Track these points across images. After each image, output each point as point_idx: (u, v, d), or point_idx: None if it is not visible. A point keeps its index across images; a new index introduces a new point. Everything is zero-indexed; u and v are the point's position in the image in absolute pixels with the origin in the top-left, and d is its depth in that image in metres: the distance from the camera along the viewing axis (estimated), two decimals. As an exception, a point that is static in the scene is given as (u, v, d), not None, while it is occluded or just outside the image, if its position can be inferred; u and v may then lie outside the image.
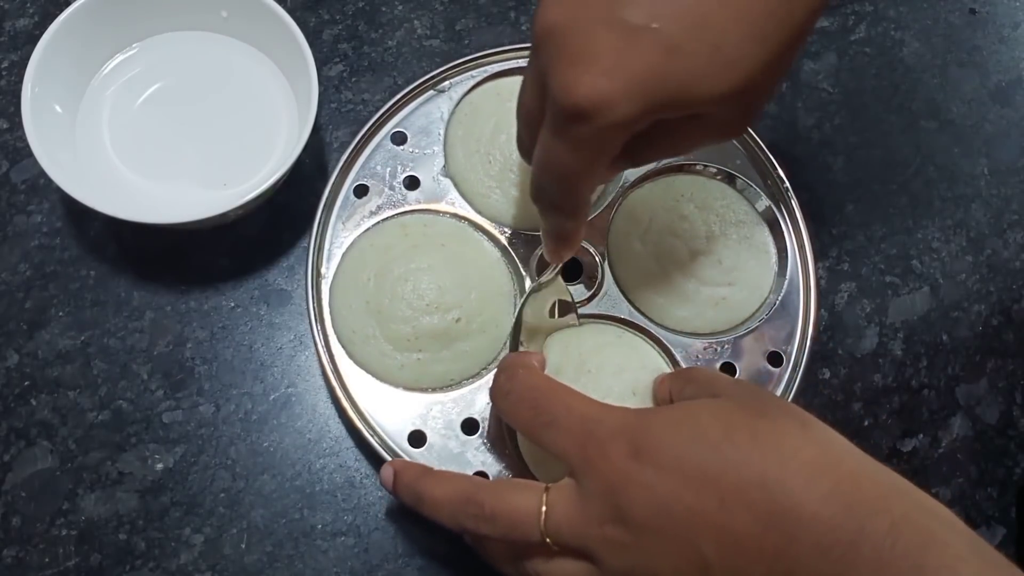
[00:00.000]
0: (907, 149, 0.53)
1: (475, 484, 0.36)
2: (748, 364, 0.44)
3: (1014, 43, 0.57)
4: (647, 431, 0.31)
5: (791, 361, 0.44)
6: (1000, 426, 0.47)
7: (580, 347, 0.41)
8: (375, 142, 0.46)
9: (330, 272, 0.43)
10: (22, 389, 0.43)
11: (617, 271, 0.45)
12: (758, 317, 0.45)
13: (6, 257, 0.45)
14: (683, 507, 0.29)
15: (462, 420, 0.41)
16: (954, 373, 0.48)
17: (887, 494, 0.28)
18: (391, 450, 0.40)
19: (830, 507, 0.27)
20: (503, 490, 0.35)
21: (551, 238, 0.37)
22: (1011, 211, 0.52)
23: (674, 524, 0.29)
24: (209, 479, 0.42)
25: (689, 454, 0.30)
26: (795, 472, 0.28)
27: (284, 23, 0.44)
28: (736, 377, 0.43)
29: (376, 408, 0.41)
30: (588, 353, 0.41)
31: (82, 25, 0.44)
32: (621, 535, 0.30)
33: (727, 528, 0.28)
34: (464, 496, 0.35)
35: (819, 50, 0.55)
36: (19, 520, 0.41)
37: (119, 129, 0.46)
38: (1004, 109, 0.55)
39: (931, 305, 0.49)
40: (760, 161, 0.48)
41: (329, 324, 0.42)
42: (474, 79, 0.48)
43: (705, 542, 0.29)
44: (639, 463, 0.30)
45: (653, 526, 0.30)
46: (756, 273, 0.46)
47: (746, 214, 0.47)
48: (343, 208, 0.45)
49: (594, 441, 0.32)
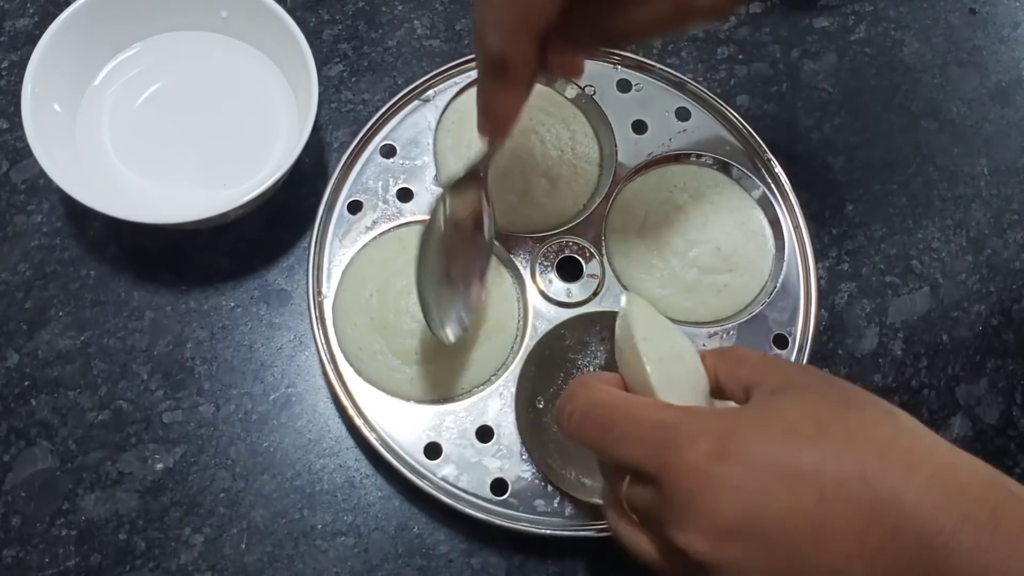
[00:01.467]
0: (907, 149, 0.53)
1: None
2: (754, 348, 0.44)
3: (1014, 43, 0.57)
4: (731, 431, 0.29)
5: (797, 341, 0.44)
6: (1000, 426, 0.47)
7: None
8: (365, 156, 0.46)
9: (331, 291, 0.43)
10: (22, 389, 0.43)
11: (617, 266, 0.45)
12: (760, 301, 0.45)
13: (6, 257, 0.45)
14: (777, 507, 0.27)
15: (476, 428, 0.41)
16: (954, 373, 0.48)
17: (984, 482, 0.27)
18: (406, 463, 0.40)
19: (931, 497, 0.26)
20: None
21: (481, 102, 0.36)
22: (1011, 211, 0.52)
23: (766, 525, 0.27)
24: (209, 479, 0.42)
25: (780, 451, 0.28)
26: (894, 463, 0.27)
27: (284, 23, 0.44)
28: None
29: (389, 423, 0.41)
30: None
31: (82, 25, 0.44)
32: (704, 545, 0.28)
33: (827, 525, 0.27)
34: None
35: (819, 50, 0.55)
36: (19, 520, 0.41)
37: (119, 129, 0.46)
38: (1004, 109, 0.55)
39: (931, 305, 0.49)
40: (750, 146, 0.48)
41: (335, 342, 0.42)
42: (458, 85, 0.48)
43: (803, 542, 0.27)
44: (724, 464, 0.28)
45: (742, 529, 0.28)
46: (755, 257, 0.46)
47: (740, 200, 0.47)
48: (339, 225, 0.44)
49: (672, 447, 0.29)
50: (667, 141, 0.48)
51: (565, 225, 0.46)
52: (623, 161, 0.47)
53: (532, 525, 0.40)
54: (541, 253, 0.45)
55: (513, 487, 0.40)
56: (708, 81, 0.53)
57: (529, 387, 0.42)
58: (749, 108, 0.53)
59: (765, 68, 0.54)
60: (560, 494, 0.40)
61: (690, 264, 0.45)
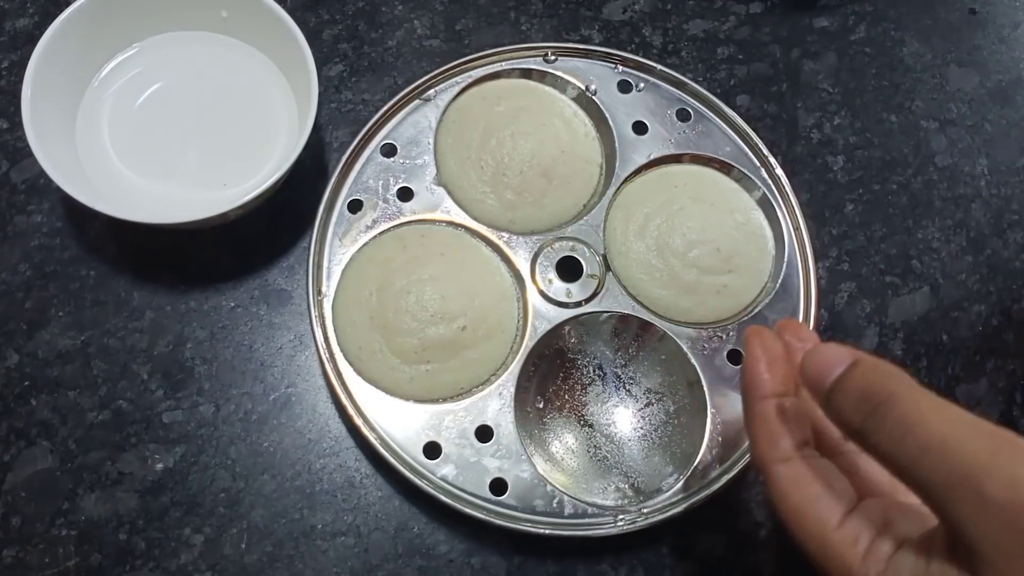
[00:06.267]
0: (907, 149, 0.53)
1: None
2: None
3: (1014, 43, 0.57)
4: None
5: None
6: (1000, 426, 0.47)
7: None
8: (365, 155, 0.46)
9: (331, 290, 0.43)
10: (22, 389, 0.43)
11: (617, 266, 0.45)
12: (760, 302, 0.45)
13: (6, 257, 0.45)
14: None
15: (475, 428, 0.41)
16: (954, 373, 0.48)
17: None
18: (406, 463, 0.40)
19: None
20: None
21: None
22: (1011, 211, 0.52)
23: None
24: (209, 479, 0.42)
25: None
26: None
27: (284, 23, 0.44)
28: None
29: (389, 422, 0.41)
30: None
31: (82, 25, 0.44)
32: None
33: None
34: None
35: (819, 50, 0.55)
36: (19, 520, 0.41)
37: (119, 129, 0.46)
38: (1004, 109, 0.55)
39: (931, 305, 0.49)
40: (750, 146, 0.48)
41: (334, 342, 0.42)
42: (459, 85, 0.48)
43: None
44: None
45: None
46: (755, 258, 0.46)
47: (739, 200, 0.47)
48: (339, 224, 0.44)
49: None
50: (667, 141, 0.48)
51: (565, 225, 0.46)
52: (623, 161, 0.47)
53: (532, 525, 0.40)
54: (541, 253, 0.45)
55: (512, 487, 0.40)
56: (708, 81, 0.53)
57: (529, 387, 0.43)
58: (749, 108, 0.53)
59: (765, 68, 0.54)
60: (559, 494, 0.40)
61: (690, 265, 0.45)
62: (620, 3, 0.55)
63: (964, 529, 0.23)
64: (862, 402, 0.27)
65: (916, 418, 0.25)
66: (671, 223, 0.46)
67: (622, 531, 0.40)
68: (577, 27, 0.54)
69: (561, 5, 0.55)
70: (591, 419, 0.43)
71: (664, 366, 0.44)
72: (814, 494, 0.28)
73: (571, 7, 0.55)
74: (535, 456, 0.41)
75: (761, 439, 0.30)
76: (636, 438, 0.43)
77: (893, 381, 0.27)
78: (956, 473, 0.24)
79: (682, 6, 0.55)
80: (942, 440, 0.24)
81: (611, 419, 0.43)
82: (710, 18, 0.55)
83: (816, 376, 0.29)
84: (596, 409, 0.43)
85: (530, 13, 0.54)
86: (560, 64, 0.49)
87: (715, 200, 0.47)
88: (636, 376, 0.44)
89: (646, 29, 0.54)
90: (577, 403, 0.43)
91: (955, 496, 0.24)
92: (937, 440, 0.24)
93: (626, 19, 0.55)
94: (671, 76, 0.49)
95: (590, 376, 0.44)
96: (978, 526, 0.23)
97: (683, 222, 0.46)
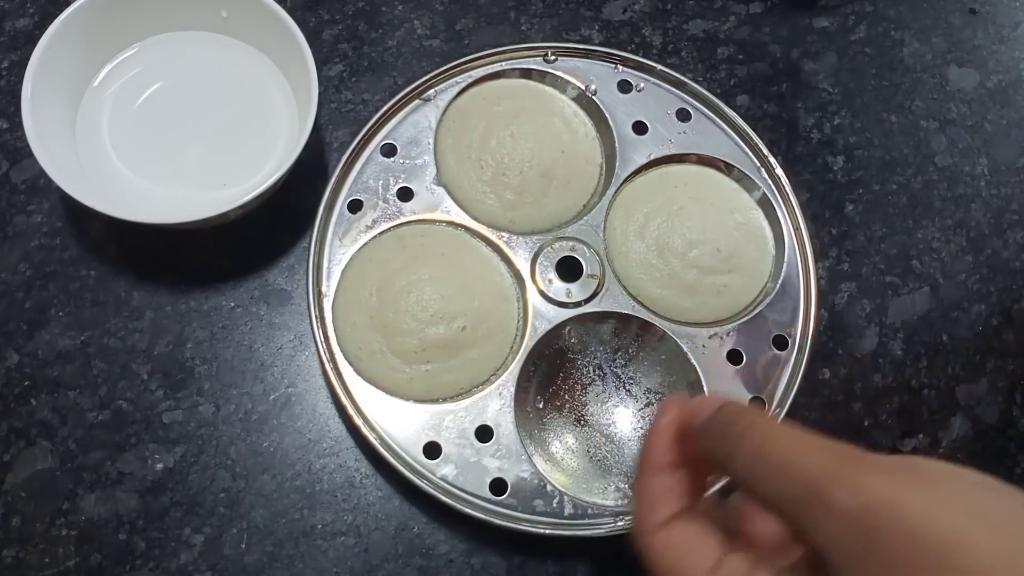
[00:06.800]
0: (907, 149, 0.53)
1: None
2: (753, 350, 0.44)
3: (1014, 43, 0.57)
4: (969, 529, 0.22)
5: (797, 342, 0.44)
6: (1000, 426, 0.47)
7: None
8: (365, 155, 0.46)
9: (331, 290, 0.43)
10: (22, 389, 0.43)
11: (617, 266, 0.45)
12: (760, 302, 0.45)
13: (6, 257, 0.46)
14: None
15: (475, 428, 0.41)
16: (954, 373, 0.48)
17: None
18: (406, 463, 0.40)
19: None
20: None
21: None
22: (1011, 211, 0.52)
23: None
24: (209, 479, 0.42)
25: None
26: None
27: (284, 23, 0.44)
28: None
29: (389, 422, 0.41)
30: None
31: (82, 25, 0.44)
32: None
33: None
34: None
35: (819, 50, 0.55)
36: (19, 520, 0.41)
37: (119, 129, 0.46)
38: (1004, 109, 0.55)
39: (931, 305, 0.49)
40: (750, 146, 0.48)
41: (335, 342, 0.42)
42: (459, 85, 0.48)
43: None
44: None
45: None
46: (755, 258, 0.46)
47: (739, 200, 0.47)
48: (339, 224, 0.44)
49: (883, 537, 0.23)
50: (667, 141, 0.48)
51: (565, 225, 0.46)
52: (623, 161, 0.47)
53: (532, 525, 0.40)
54: (541, 253, 0.45)
55: (512, 487, 0.40)
56: (708, 81, 0.53)
57: (529, 387, 0.43)
58: (749, 108, 0.53)
59: (765, 68, 0.54)
60: (559, 494, 0.40)
61: (690, 265, 0.45)
62: (620, 3, 0.55)
63: (816, 540, 0.25)
64: (723, 436, 0.29)
65: (767, 443, 0.27)
66: (671, 223, 0.46)
67: (622, 531, 0.40)
68: (577, 27, 0.54)
69: (561, 5, 0.55)
70: (591, 419, 0.43)
71: (664, 366, 0.44)
72: (683, 553, 0.30)
73: (571, 7, 0.55)
74: (535, 456, 0.41)
75: (641, 507, 0.31)
76: (636, 438, 0.43)
77: (750, 416, 0.29)
78: (806, 488, 0.25)
79: (682, 6, 0.55)
80: (791, 458, 0.26)
81: (611, 419, 0.43)
82: (710, 18, 0.55)
83: (690, 421, 0.31)
84: (596, 409, 0.43)
85: (530, 13, 0.54)
86: (560, 64, 0.49)
87: (715, 200, 0.47)
88: (636, 376, 0.44)
89: (646, 29, 0.54)
90: (577, 403, 0.43)
91: (806, 510, 0.25)
92: (787, 459, 0.26)
93: (626, 19, 0.55)
94: (671, 76, 0.49)
95: (590, 376, 0.44)
96: (828, 533, 0.24)
97: (683, 222, 0.46)
